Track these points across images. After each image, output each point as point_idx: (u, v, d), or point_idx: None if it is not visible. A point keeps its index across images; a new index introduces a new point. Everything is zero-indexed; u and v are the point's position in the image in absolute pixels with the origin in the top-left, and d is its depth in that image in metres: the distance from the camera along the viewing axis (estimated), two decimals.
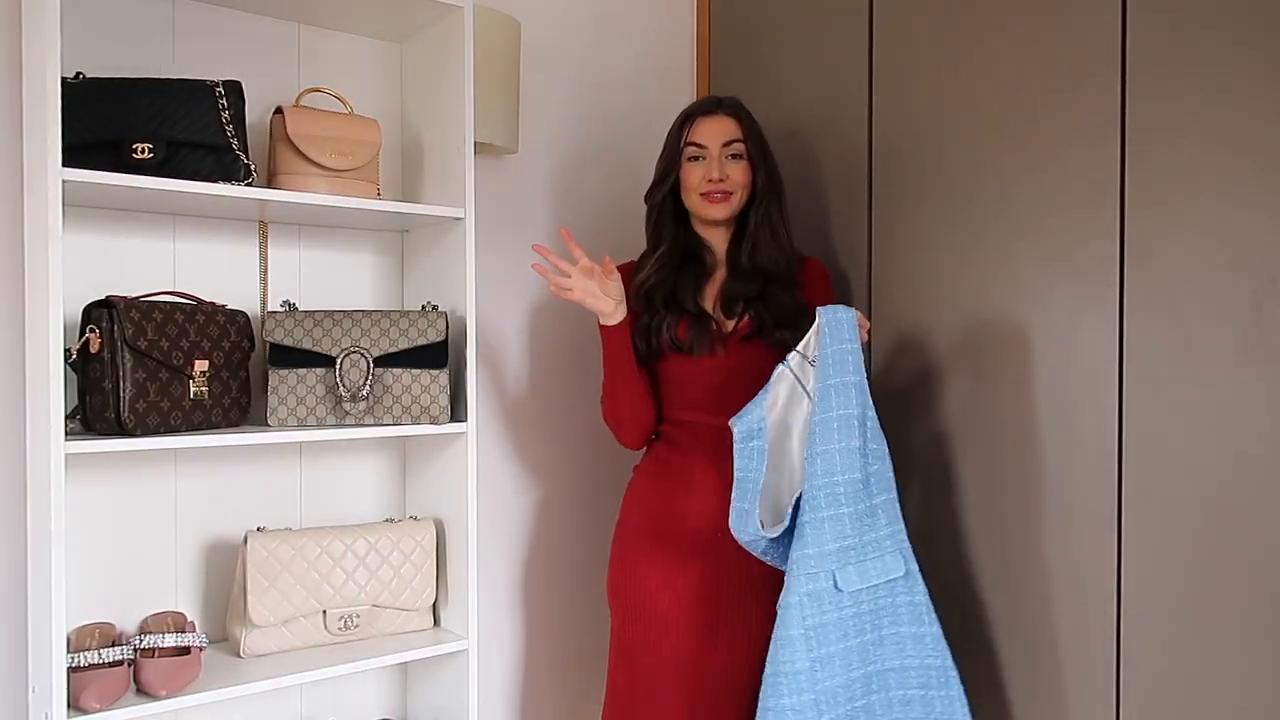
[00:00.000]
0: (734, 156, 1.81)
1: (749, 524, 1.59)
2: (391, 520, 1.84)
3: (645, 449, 1.89)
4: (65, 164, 1.39)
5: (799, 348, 1.61)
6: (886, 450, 1.61)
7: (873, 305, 1.95)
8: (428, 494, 1.91)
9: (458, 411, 1.81)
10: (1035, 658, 1.69)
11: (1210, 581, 1.48)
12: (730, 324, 1.79)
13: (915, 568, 1.62)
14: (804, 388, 1.60)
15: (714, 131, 1.81)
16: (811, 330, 1.60)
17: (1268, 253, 1.42)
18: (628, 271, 1.87)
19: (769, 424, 1.62)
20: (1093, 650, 1.61)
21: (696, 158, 1.82)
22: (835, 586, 1.54)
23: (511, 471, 2.16)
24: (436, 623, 1.87)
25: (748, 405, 1.62)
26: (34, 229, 1.47)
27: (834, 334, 1.57)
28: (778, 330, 1.75)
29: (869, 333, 1.65)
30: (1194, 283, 1.49)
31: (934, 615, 1.62)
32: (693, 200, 1.83)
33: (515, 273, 2.15)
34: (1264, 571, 1.43)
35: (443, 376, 1.75)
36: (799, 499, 1.56)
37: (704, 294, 1.82)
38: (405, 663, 1.91)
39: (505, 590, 2.15)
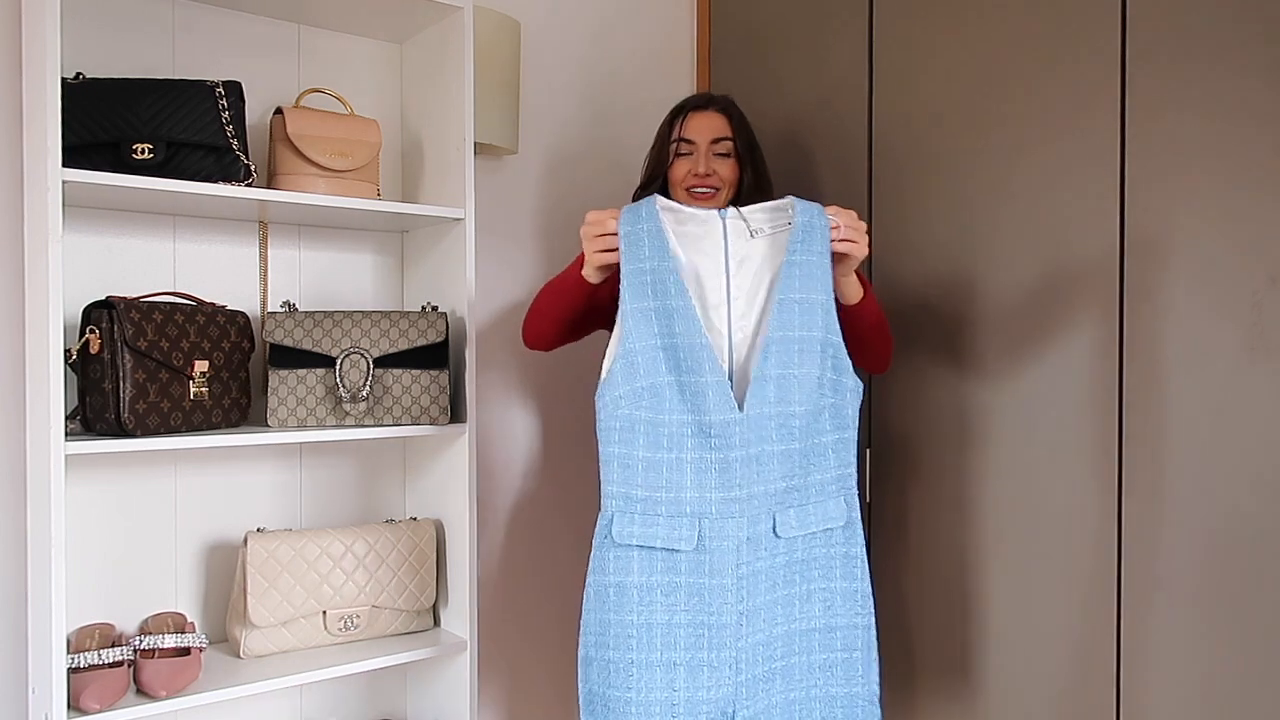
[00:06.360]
0: (722, 154, 1.81)
1: None
2: (391, 521, 1.84)
3: None
4: (65, 164, 1.39)
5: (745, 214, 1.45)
6: (852, 382, 1.47)
7: None
8: (428, 494, 1.91)
9: (458, 412, 1.81)
10: (1035, 658, 1.70)
11: (1212, 581, 1.48)
12: None
13: (858, 515, 1.49)
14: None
15: (704, 127, 1.81)
16: (771, 206, 1.46)
17: (1268, 252, 1.42)
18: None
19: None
20: (1092, 650, 1.62)
21: (685, 153, 1.82)
22: (774, 531, 1.42)
23: (511, 472, 2.16)
24: (436, 623, 1.87)
25: None
26: (34, 229, 1.47)
27: (806, 240, 1.41)
28: None
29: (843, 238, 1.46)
30: (1194, 280, 1.49)
31: (867, 570, 1.50)
32: (679, 195, 1.82)
33: (515, 273, 2.15)
34: (1267, 571, 1.43)
35: (443, 377, 1.75)
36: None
37: None
38: (405, 663, 1.92)
39: (505, 591, 2.15)
